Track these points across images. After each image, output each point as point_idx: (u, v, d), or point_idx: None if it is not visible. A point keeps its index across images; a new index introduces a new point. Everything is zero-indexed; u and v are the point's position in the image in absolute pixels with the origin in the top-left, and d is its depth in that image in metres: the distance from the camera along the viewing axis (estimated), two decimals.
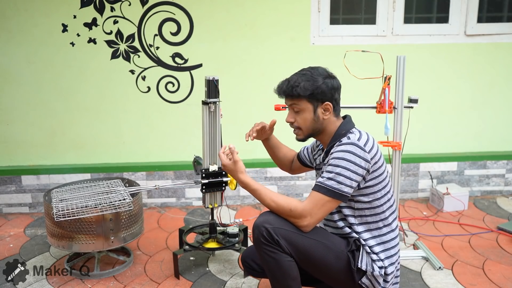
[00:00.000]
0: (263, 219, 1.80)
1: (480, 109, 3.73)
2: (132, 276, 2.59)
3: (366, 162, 1.78)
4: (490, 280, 2.50)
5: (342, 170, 1.76)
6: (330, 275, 1.87)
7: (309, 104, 1.87)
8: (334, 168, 1.78)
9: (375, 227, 1.88)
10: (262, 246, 1.79)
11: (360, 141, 1.81)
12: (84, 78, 3.44)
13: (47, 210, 2.49)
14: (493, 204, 3.60)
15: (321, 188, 1.78)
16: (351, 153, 1.78)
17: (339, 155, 1.79)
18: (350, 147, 1.79)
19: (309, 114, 1.88)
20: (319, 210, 1.78)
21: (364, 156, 1.78)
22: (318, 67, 1.91)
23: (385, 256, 1.87)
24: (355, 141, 1.81)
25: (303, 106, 1.87)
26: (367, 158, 1.79)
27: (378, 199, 1.86)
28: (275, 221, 1.79)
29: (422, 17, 3.68)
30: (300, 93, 1.84)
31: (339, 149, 1.81)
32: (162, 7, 3.36)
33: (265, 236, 1.77)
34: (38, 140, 3.51)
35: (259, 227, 1.79)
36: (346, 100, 3.13)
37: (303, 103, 1.87)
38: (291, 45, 3.48)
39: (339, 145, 1.83)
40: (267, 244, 1.78)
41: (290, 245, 1.78)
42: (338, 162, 1.78)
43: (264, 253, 1.80)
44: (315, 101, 1.86)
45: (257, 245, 1.82)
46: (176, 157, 3.60)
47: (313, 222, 1.79)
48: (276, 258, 1.79)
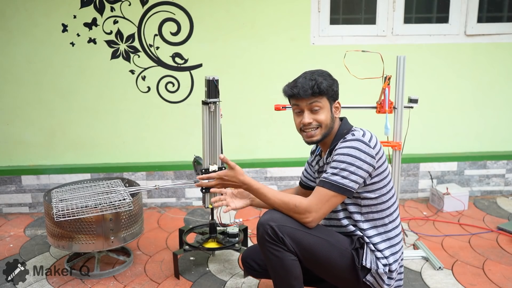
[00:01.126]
0: (268, 217, 1.80)
1: (480, 109, 3.73)
2: (132, 276, 2.59)
3: (371, 158, 1.79)
4: (490, 280, 2.50)
5: (347, 166, 1.77)
6: (334, 273, 1.87)
7: (328, 102, 1.90)
8: (338, 164, 1.79)
9: (381, 223, 1.89)
10: (267, 244, 1.79)
11: (365, 137, 1.83)
12: (84, 78, 3.44)
13: (47, 210, 2.49)
14: (493, 204, 3.60)
15: (325, 183, 1.79)
16: (356, 149, 1.79)
17: (344, 151, 1.80)
18: (355, 143, 1.80)
19: (328, 112, 1.91)
20: (324, 206, 1.78)
21: (369, 152, 1.79)
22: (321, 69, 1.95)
23: (390, 252, 1.88)
24: (360, 137, 1.82)
25: (323, 103, 1.89)
26: (372, 154, 1.80)
27: (384, 195, 1.88)
28: (280, 218, 1.79)
29: (422, 17, 3.68)
30: (326, 90, 1.86)
31: (344, 145, 1.82)
32: (162, 7, 3.36)
33: (269, 234, 1.77)
34: (38, 140, 3.51)
35: (263, 225, 1.79)
36: (346, 100, 3.13)
37: (324, 100, 1.89)
38: (291, 45, 3.48)
39: (343, 142, 1.84)
40: (271, 242, 1.77)
41: (294, 243, 1.78)
42: (343, 158, 1.79)
43: (268, 251, 1.80)
44: (332, 99, 1.91)
45: (261, 243, 1.82)
46: (176, 157, 3.60)
47: (317, 217, 1.79)
48: (280, 256, 1.79)
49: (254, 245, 2.17)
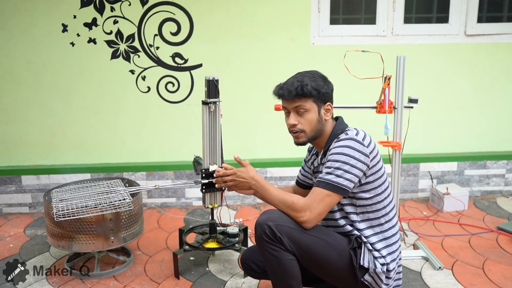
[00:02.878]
0: (265, 217, 1.81)
1: (480, 109, 3.73)
2: (132, 276, 2.59)
3: (365, 156, 1.80)
4: (490, 280, 2.50)
5: (341, 165, 1.78)
6: (332, 273, 1.87)
7: (315, 104, 1.89)
8: (333, 163, 1.79)
9: (377, 223, 1.89)
10: (265, 244, 1.79)
11: (358, 136, 1.83)
12: (84, 78, 3.44)
13: (47, 210, 2.49)
14: (493, 204, 3.60)
15: (320, 183, 1.80)
16: (350, 148, 1.79)
17: (337, 150, 1.81)
18: (349, 142, 1.81)
19: (315, 114, 1.89)
20: (318, 205, 1.78)
21: (363, 150, 1.80)
22: (314, 70, 1.93)
23: (387, 252, 1.88)
24: (353, 136, 1.82)
25: (308, 106, 1.88)
26: (366, 152, 1.80)
27: (379, 195, 1.88)
28: (278, 218, 1.80)
29: (422, 17, 3.68)
30: (310, 92, 1.85)
31: (337, 145, 1.83)
32: (162, 7, 3.36)
33: (267, 234, 1.77)
34: (38, 140, 3.51)
35: (261, 225, 1.79)
36: (346, 100, 3.14)
37: (309, 103, 1.88)
38: (291, 45, 3.48)
39: (337, 141, 1.84)
40: (269, 242, 1.78)
41: (292, 243, 1.78)
42: (337, 157, 1.79)
43: (266, 251, 1.80)
44: (319, 101, 1.89)
45: (259, 243, 1.82)
46: (176, 157, 3.60)
47: (313, 217, 1.79)
48: (278, 256, 1.79)
49: (253, 246, 2.18)
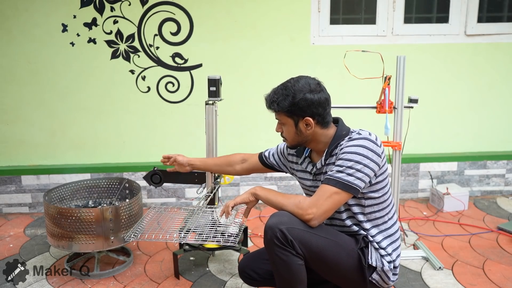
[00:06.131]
0: (276, 220, 1.77)
1: (480, 109, 3.73)
2: (132, 276, 2.59)
3: (378, 156, 1.79)
4: (490, 280, 2.50)
5: (354, 164, 1.76)
6: (341, 274, 1.87)
7: (289, 119, 1.87)
8: (345, 162, 1.77)
9: (382, 221, 1.90)
10: (275, 248, 1.76)
11: (371, 136, 1.82)
12: (84, 78, 3.44)
13: (47, 210, 2.49)
14: (493, 204, 3.60)
15: (330, 180, 1.77)
16: (364, 148, 1.78)
17: (351, 149, 1.78)
18: (364, 142, 1.79)
19: (291, 127, 1.88)
20: (325, 202, 1.76)
21: (377, 150, 1.79)
22: (302, 80, 1.85)
23: (392, 249, 1.89)
24: (367, 136, 1.81)
25: (283, 120, 1.89)
26: (379, 152, 1.79)
27: (385, 194, 1.88)
28: (288, 221, 1.77)
29: (422, 17, 3.68)
30: (282, 109, 1.85)
31: (351, 143, 1.80)
32: (162, 7, 3.36)
33: (279, 238, 1.74)
34: (38, 140, 3.51)
35: (273, 228, 1.75)
36: (346, 100, 3.15)
37: (283, 117, 1.88)
38: (291, 45, 3.48)
39: (350, 141, 1.82)
40: (280, 246, 1.75)
41: (303, 245, 1.76)
42: (350, 156, 1.77)
43: (275, 255, 1.78)
44: (294, 116, 1.86)
45: (269, 247, 1.80)
46: None
47: (319, 214, 1.76)
48: (287, 260, 1.77)
49: (252, 253, 2.15)
